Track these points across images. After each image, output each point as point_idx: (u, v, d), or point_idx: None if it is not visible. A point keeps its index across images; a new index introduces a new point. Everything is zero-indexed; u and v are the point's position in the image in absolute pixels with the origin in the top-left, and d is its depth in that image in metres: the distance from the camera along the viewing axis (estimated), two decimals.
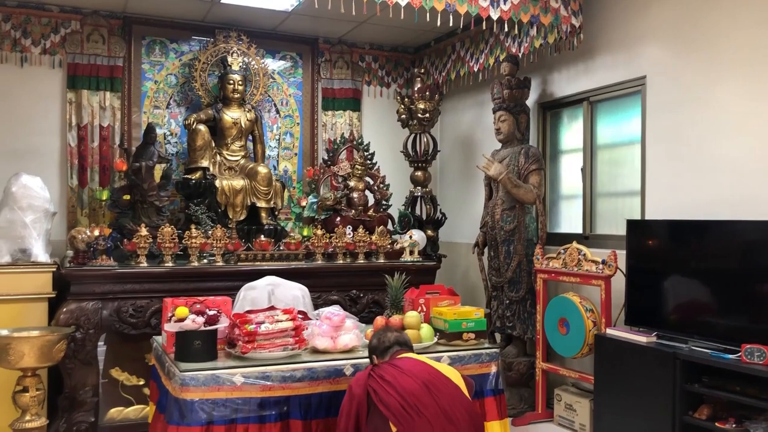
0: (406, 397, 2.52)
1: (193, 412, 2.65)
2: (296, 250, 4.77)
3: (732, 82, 3.75)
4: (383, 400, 2.53)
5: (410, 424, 2.48)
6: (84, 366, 4.08)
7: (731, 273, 3.50)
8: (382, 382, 2.58)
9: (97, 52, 5.28)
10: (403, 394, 2.53)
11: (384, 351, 2.77)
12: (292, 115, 6.01)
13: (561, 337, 4.35)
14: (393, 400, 2.51)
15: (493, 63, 5.23)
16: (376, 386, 2.57)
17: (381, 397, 2.53)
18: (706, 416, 3.36)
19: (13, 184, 4.30)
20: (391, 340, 2.80)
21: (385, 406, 2.52)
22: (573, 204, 5.09)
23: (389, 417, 2.50)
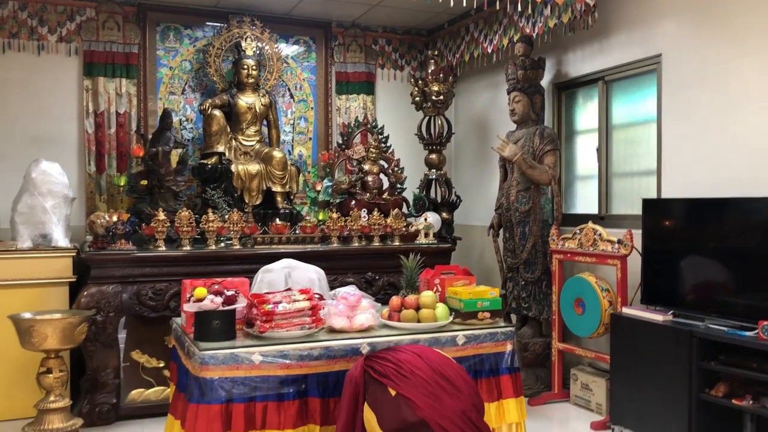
0: (400, 364, 2.67)
1: (213, 391, 2.69)
2: (312, 233, 4.81)
3: (750, 57, 3.71)
4: (379, 371, 2.66)
5: (406, 383, 2.60)
6: (105, 348, 4.16)
7: (748, 250, 3.48)
8: (377, 359, 2.73)
9: (113, 39, 5.32)
10: (396, 362, 2.68)
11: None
12: (306, 100, 6.02)
13: (577, 317, 4.36)
14: (388, 368, 2.65)
15: (507, 44, 5.21)
16: (372, 363, 2.71)
17: (377, 370, 2.66)
18: (723, 393, 3.36)
19: (33, 170, 4.37)
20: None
21: (381, 375, 2.63)
22: (588, 184, 5.08)
23: (386, 382, 2.61)
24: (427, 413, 2.54)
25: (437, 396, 2.61)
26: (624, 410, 3.90)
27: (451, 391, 2.65)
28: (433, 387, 2.63)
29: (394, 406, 2.57)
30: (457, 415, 2.58)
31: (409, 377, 2.63)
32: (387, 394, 2.60)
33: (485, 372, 3.17)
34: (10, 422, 4.11)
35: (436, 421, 2.54)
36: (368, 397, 2.63)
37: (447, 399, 2.62)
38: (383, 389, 2.61)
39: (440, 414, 2.56)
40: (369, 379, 2.67)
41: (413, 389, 2.60)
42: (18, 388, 4.15)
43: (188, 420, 2.70)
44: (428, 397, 2.59)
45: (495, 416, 3.14)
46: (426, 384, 2.63)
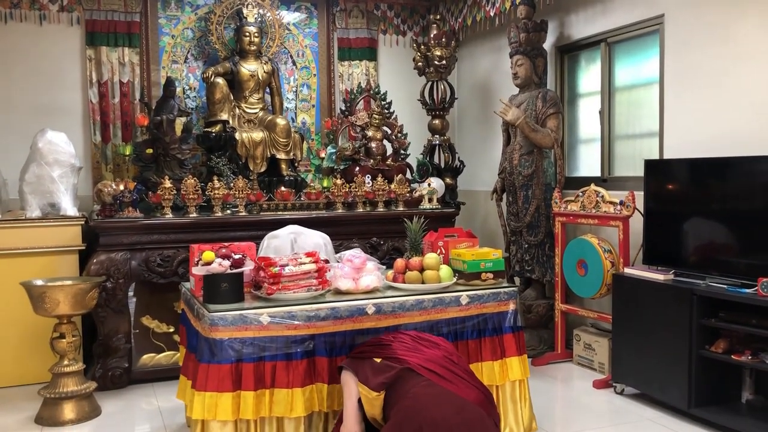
0: (380, 338, 2.91)
1: (223, 351, 2.77)
2: (317, 199, 4.85)
3: (753, 16, 3.69)
4: (362, 351, 2.85)
5: (387, 349, 2.78)
6: (116, 314, 4.23)
7: (749, 209, 3.51)
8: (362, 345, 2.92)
9: (114, 8, 5.30)
10: (377, 340, 2.90)
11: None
12: (308, 67, 6.02)
13: (579, 278, 4.41)
14: (369, 346, 2.87)
15: (510, 7, 5.17)
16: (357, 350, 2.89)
17: (361, 351, 2.86)
18: (723, 350, 3.42)
19: (39, 139, 4.40)
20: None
21: (366, 352, 2.82)
22: (591, 147, 5.09)
23: (370, 354, 2.78)
24: (411, 360, 2.71)
25: (418, 348, 2.81)
26: (626, 369, 3.98)
27: (430, 345, 2.86)
28: (413, 344, 2.84)
29: (382, 367, 2.71)
30: (440, 358, 2.78)
31: (390, 344, 2.83)
32: (373, 363, 2.75)
33: (489, 331, 3.24)
34: (26, 387, 4.22)
35: (421, 364, 2.70)
36: (359, 377, 2.75)
37: (427, 350, 2.82)
38: (369, 362, 2.77)
39: (424, 358, 2.74)
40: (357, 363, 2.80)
41: (396, 349, 2.78)
42: (32, 354, 4.25)
43: (199, 379, 2.78)
44: (410, 350, 2.78)
45: (498, 374, 3.22)
46: (406, 343, 2.84)
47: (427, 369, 2.69)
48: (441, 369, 2.71)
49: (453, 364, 2.79)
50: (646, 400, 3.89)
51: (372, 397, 2.67)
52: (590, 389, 4.17)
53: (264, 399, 2.82)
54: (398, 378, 2.66)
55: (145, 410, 3.94)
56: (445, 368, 2.73)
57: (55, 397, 3.65)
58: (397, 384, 2.65)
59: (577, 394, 4.14)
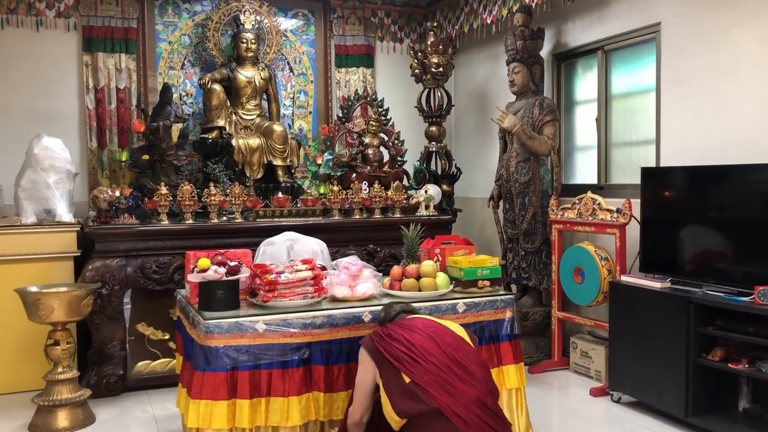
0: (413, 348, 2.63)
1: (218, 358, 2.75)
2: (313, 206, 4.84)
3: (748, 25, 3.70)
4: (392, 354, 2.63)
5: (419, 370, 2.58)
6: (111, 321, 4.21)
7: (745, 217, 3.52)
8: (390, 339, 2.67)
9: (111, 14, 5.30)
10: (409, 346, 2.64)
11: (392, 318, 2.86)
12: (305, 73, 6.02)
13: (576, 285, 4.41)
14: (400, 352, 2.62)
15: (507, 14, 5.18)
16: (385, 345, 2.67)
17: (390, 353, 2.63)
18: (720, 358, 3.42)
19: (35, 145, 4.39)
20: (397, 310, 2.89)
21: (394, 358, 2.61)
22: (588, 155, 5.09)
23: (400, 368, 2.59)
24: (441, 402, 2.52)
25: (451, 384, 2.58)
26: (623, 376, 3.97)
27: (465, 378, 2.61)
28: (447, 374, 2.60)
29: (409, 393, 2.56)
30: (473, 402, 2.56)
31: (422, 363, 2.60)
32: (401, 380, 2.59)
33: (485, 339, 3.23)
34: (20, 394, 4.19)
35: (452, 409, 2.51)
36: (383, 380, 2.63)
37: (461, 386, 2.59)
38: (397, 374, 2.60)
39: (455, 402, 2.54)
40: (382, 359, 2.66)
41: (427, 376, 2.57)
42: (26, 361, 4.23)
43: (194, 387, 2.76)
44: (442, 386, 2.56)
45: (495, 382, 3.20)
46: (439, 372, 2.60)
47: (457, 415, 2.51)
48: (472, 417, 2.53)
49: (485, 410, 2.58)
50: (643, 409, 3.88)
51: (394, 418, 2.58)
52: (587, 397, 4.16)
53: (260, 407, 2.80)
54: (425, 416, 2.52)
55: (140, 418, 3.91)
56: (476, 416, 2.54)
57: (49, 404, 3.63)
58: (421, 419, 2.53)
59: (574, 402, 4.13)
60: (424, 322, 2.77)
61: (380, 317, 2.90)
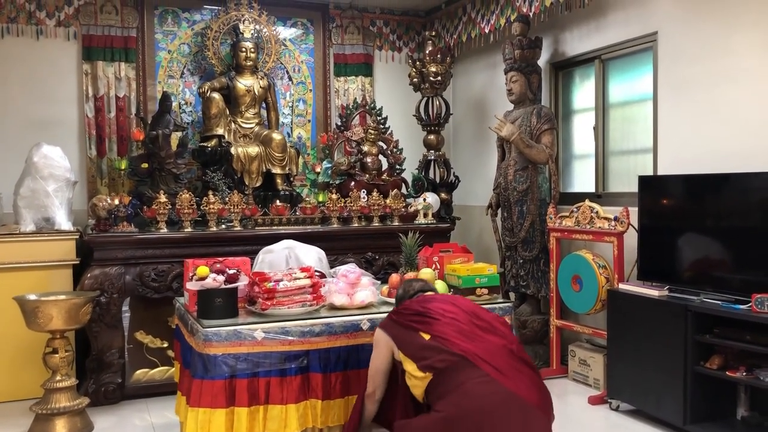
0: (429, 311, 2.59)
1: (217, 366, 2.76)
2: (312, 214, 4.85)
3: (745, 33, 3.73)
4: (408, 318, 2.60)
5: (439, 325, 2.51)
6: (109, 329, 4.22)
7: (742, 226, 3.53)
8: (405, 311, 2.67)
9: (111, 23, 5.33)
10: (424, 311, 2.60)
11: (411, 297, 2.84)
12: (304, 82, 6.04)
13: (574, 294, 4.41)
14: (416, 316, 2.59)
15: (504, 24, 5.22)
16: (400, 317, 2.65)
17: (406, 318, 2.60)
18: (717, 366, 3.42)
19: (35, 154, 4.40)
20: (416, 288, 2.88)
21: (413, 322, 2.57)
22: (585, 163, 5.11)
23: (418, 328, 2.54)
24: (466, 349, 2.41)
25: (474, 333, 2.48)
26: (621, 384, 3.97)
27: (487, 329, 2.52)
28: (468, 326, 2.50)
29: (431, 348, 2.47)
30: (498, 349, 2.45)
31: (440, 319, 2.53)
32: (420, 339, 2.51)
33: None
34: (18, 402, 4.18)
35: (478, 355, 2.40)
36: (402, 348, 2.56)
37: (484, 335, 2.49)
38: (415, 335, 2.53)
39: (481, 349, 2.42)
40: (398, 329, 2.60)
41: (447, 328, 2.48)
42: (25, 369, 4.22)
43: (193, 395, 2.77)
44: (465, 335, 2.47)
45: None
46: (460, 324, 2.51)
47: (485, 361, 2.39)
48: (500, 362, 2.40)
49: (512, 356, 2.47)
50: (642, 417, 3.88)
51: (418, 376, 2.48)
52: (585, 405, 4.16)
53: (258, 415, 2.80)
54: (451, 366, 2.41)
55: (138, 426, 3.91)
56: (504, 362, 2.41)
57: (47, 412, 3.62)
58: (448, 372, 2.40)
59: (573, 411, 4.13)
60: (442, 296, 2.81)
61: (398, 294, 2.90)
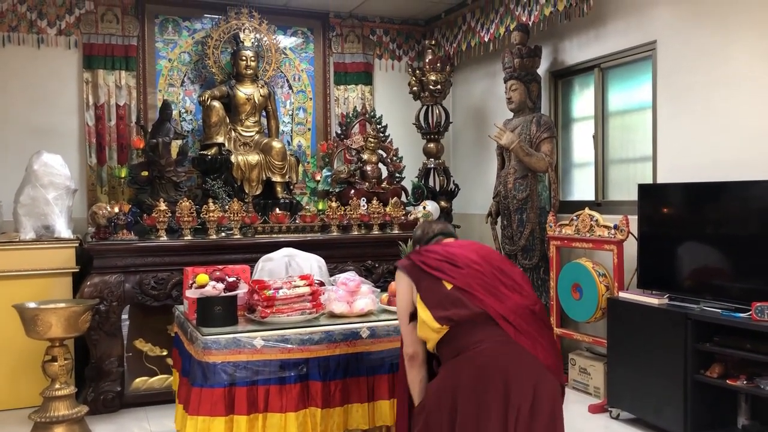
0: (454, 258, 2.41)
1: (216, 374, 2.74)
2: (312, 222, 4.86)
3: (746, 41, 3.74)
4: (430, 264, 2.41)
5: (463, 275, 2.36)
6: (109, 337, 4.21)
7: (742, 234, 3.53)
8: (427, 252, 2.48)
9: (112, 32, 5.35)
10: (449, 255, 2.43)
11: (428, 240, 2.68)
12: (304, 91, 6.06)
13: (574, 302, 4.41)
14: (442, 263, 2.40)
15: (504, 32, 5.24)
16: (422, 257, 2.45)
17: (428, 264, 2.41)
18: (718, 374, 3.41)
19: (35, 162, 4.41)
20: (436, 231, 2.70)
21: (436, 270, 2.39)
22: (585, 171, 5.12)
23: (440, 276, 2.37)
24: (489, 305, 2.30)
25: (497, 289, 2.35)
26: (621, 393, 3.96)
27: (512, 286, 2.39)
28: (492, 281, 2.37)
29: (451, 299, 2.33)
30: (521, 308, 2.34)
31: (465, 269, 2.37)
32: (442, 288, 2.36)
33: None
34: (17, 411, 4.17)
35: (500, 313, 2.29)
36: (421, 293, 2.40)
37: (509, 293, 2.36)
38: (437, 283, 2.37)
39: (504, 307, 2.31)
40: (420, 273, 2.43)
41: (471, 280, 2.35)
42: (24, 377, 4.21)
43: (192, 403, 2.75)
44: (489, 290, 2.34)
45: None
46: (484, 277, 2.37)
47: (506, 320, 2.28)
48: (521, 322, 2.30)
49: (534, 318, 2.35)
50: (642, 425, 3.87)
51: (434, 327, 2.33)
52: (586, 414, 4.15)
53: (257, 423, 2.79)
54: (471, 321, 2.29)
55: None
56: (525, 323, 2.30)
57: (46, 421, 3.61)
58: (466, 327, 2.29)
59: (573, 419, 4.11)
60: (467, 243, 2.57)
61: (416, 236, 2.73)
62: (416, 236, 2.76)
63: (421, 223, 2.83)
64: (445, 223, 2.82)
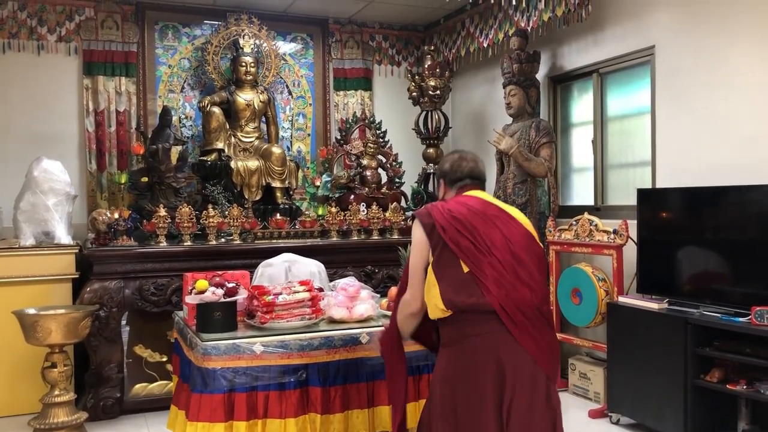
0: (476, 236, 2.33)
1: (216, 380, 2.74)
2: (311, 227, 4.86)
3: (744, 45, 3.75)
4: (453, 238, 2.33)
5: (482, 262, 2.30)
6: (108, 343, 4.21)
7: (742, 238, 3.53)
8: (452, 219, 2.36)
9: (112, 39, 5.37)
10: (474, 233, 2.33)
11: (455, 180, 2.56)
12: (304, 96, 6.07)
13: (574, 307, 4.41)
14: (464, 239, 2.32)
15: (503, 38, 5.25)
16: (445, 223, 2.36)
17: (451, 236, 2.33)
18: (718, 379, 3.41)
19: (35, 168, 4.41)
20: (465, 171, 2.56)
21: (457, 246, 2.32)
22: (584, 176, 5.12)
23: (461, 257, 2.31)
24: (498, 299, 2.26)
25: (510, 282, 2.30)
26: (621, 398, 3.96)
27: (526, 281, 2.33)
28: (509, 274, 2.31)
29: (464, 285, 2.29)
30: (528, 306, 2.30)
31: (486, 255, 2.30)
32: (459, 270, 2.31)
33: None
34: (16, 417, 4.16)
35: (505, 308, 2.27)
36: (436, 263, 2.35)
37: (520, 287, 2.31)
38: (455, 262, 2.31)
39: (511, 301, 2.28)
40: (439, 240, 2.34)
41: (488, 270, 2.29)
42: (23, 384, 4.21)
43: (192, 409, 2.75)
44: (502, 284, 2.29)
45: None
46: (501, 268, 2.30)
47: (510, 317, 2.26)
48: (525, 321, 2.28)
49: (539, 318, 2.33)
50: (642, 430, 3.86)
51: (439, 306, 2.31)
52: (586, 419, 4.14)
53: (256, 429, 2.78)
54: (477, 310, 2.27)
55: None
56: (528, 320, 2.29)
57: (46, 427, 3.61)
58: (472, 315, 2.28)
59: (573, 425, 4.10)
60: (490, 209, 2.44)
61: (443, 169, 2.59)
62: (443, 169, 2.59)
63: (452, 156, 2.62)
64: (476, 160, 2.62)
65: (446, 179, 2.58)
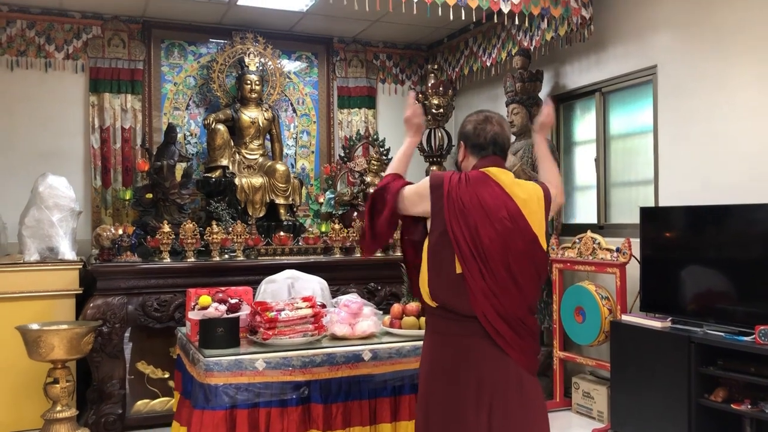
0: (478, 242, 2.26)
1: (218, 397, 2.74)
2: (315, 244, 4.87)
3: (745, 65, 3.77)
4: (456, 232, 2.27)
5: (475, 271, 2.26)
6: (111, 359, 4.20)
7: (746, 257, 3.53)
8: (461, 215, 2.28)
9: (118, 56, 5.42)
10: (475, 239, 2.26)
11: (476, 147, 2.41)
12: (308, 114, 6.11)
13: (577, 325, 4.39)
14: (465, 242, 2.26)
15: (506, 57, 5.29)
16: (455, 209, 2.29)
17: (455, 230, 2.27)
18: (722, 398, 3.39)
19: (40, 184, 4.44)
20: (488, 138, 2.39)
21: (457, 243, 2.27)
22: (587, 194, 5.13)
23: (458, 256, 2.27)
24: (481, 308, 2.26)
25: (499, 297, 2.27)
26: (625, 417, 3.93)
27: (514, 293, 2.29)
28: (498, 287, 2.27)
29: (453, 285, 2.29)
30: (512, 317, 2.29)
31: (481, 265, 2.26)
32: (452, 267, 2.28)
33: None
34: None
35: (488, 319, 2.26)
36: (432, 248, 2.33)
37: (508, 302, 2.28)
38: (451, 258, 2.28)
39: (494, 310, 2.27)
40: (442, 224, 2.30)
41: (479, 282, 2.25)
42: (25, 399, 4.19)
43: (193, 425, 2.74)
44: (489, 291, 2.26)
45: None
46: (495, 276, 2.26)
47: (492, 326, 2.26)
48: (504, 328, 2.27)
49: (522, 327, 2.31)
50: None
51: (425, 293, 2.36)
52: None
53: None
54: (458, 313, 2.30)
55: None
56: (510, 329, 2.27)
57: None
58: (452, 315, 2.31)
59: None
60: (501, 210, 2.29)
61: (465, 130, 2.44)
62: (465, 131, 2.44)
63: (476, 117, 2.45)
64: (501, 123, 2.44)
65: (468, 143, 2.43)
